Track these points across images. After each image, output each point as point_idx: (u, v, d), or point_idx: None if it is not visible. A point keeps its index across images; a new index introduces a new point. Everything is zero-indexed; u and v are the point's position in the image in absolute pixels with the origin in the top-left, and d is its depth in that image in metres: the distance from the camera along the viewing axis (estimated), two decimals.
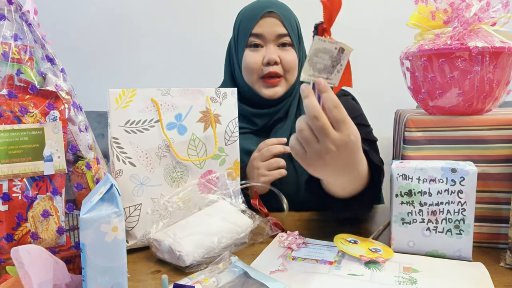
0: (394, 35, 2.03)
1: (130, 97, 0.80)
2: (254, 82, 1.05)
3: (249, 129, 1.11)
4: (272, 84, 1.04)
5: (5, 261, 0.60)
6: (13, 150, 0.61)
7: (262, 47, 1.03)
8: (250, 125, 1.11)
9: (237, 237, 0.80)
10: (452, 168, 0.73)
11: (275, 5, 1.03)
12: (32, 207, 0.62)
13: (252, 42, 1.03)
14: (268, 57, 1.01)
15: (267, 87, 1.04)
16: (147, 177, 0.82)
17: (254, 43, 1.03)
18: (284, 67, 1.03)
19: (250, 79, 1.05)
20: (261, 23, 1.01)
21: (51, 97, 0.65)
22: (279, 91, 1.05)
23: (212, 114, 0.89)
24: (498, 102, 0.81)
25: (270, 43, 1.02)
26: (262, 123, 1.09)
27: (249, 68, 1.03)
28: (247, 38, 1.03)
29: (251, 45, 1.04)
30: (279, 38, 1.03)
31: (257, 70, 1.03)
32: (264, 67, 1.03)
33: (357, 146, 0.63)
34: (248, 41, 1.03)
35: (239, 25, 1.07)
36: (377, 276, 0.68)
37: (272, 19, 1.01)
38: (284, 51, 1.03)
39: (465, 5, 0.77)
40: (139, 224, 0.82)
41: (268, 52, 1.01)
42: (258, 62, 1.02)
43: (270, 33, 1.01)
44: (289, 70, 1.04)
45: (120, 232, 0.54)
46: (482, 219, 0.79)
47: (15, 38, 0.63)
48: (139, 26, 2.36)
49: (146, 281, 0.70)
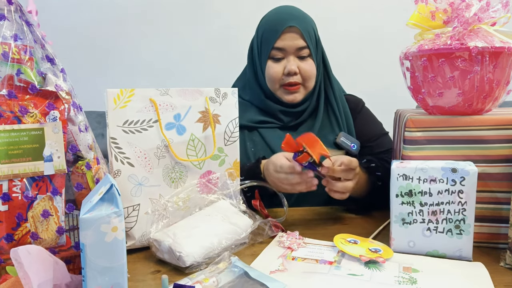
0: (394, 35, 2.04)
1: (129, 97, 0.80)
2: (276, 90, 1.18)
3: (276, 124, 1.20)
4: (291, 91, 1.16)
5: (5, 261, 0.60)
6: (13, 150, 0.61)
7: (283, 58, 1.15)
8: (277, 120, 1.20)
9: (237, 237, 0.80)
10: (452, 168, 0.73)
11: (295, 18, 1.13)
12: (32, 207, 0.62)
13: (274, 55, 1.14)
14: (289, 68, 1.12)
15: (287, 93, 1.16)
16: (145, 177, 0.82)
17: (276, 56, 1.14)
18: (303, 76, 1.15)
19: (272, 87, 1.18)
20: (282, 37, 1.12)
21: (51, 97, 0.65)
22: (298, 97, 1.17)
23: (211, 114, 0.89)
24: (498, 102, 0.81)
25: (290, 55, 1.13)
26: (288, 120, 1.20)
27: (271, 78, 1.16)
28: (269, 50, 1.14)
29: (273, 57, 1.15)
30: (298, 50, 1.13)
31: (278, 80, 1.15)
32: (284, 77, 1.15)
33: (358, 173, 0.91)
34: (270, 54, 1.14)
35: (262, 36, 1.17)
36: (377, 276, 0.68)
37: (292, 33, 1.12)
38: (303, 61, 1.14)
39: (465, 5, 0.77)
40: (137, 224, 0.82)
41: (289, 64, 1.13)
42: (279, 73, 1.14)
43: (290, 47, 1.12)
44: (307, 79, 1.15)
45: (120, 232, 0.54)
46: (482, 219, 0.79)
47: (15, 38, 0.63)
48: (139, 26, 2.36)
49: (146, 281, 0.70)
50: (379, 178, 1.00)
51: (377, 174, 1.01)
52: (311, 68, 1.14)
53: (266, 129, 1.19)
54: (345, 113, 1.21)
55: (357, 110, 1.24)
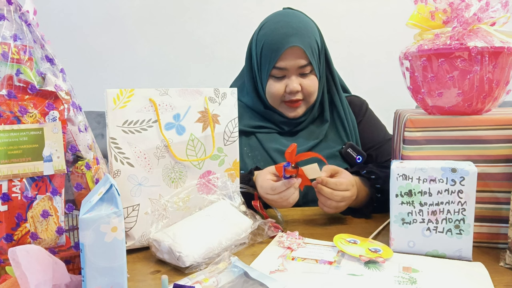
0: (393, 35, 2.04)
1: (128, 97, 0.80)
2: (277, 105, 1.16)
3: (274, 129, 1.19)
4: (293, 107, 1.14)
5: (4, 261, 0.60)
6: (12, 151, 0.61)
7: (284, 76, 1.12)
8: (276, 126, 1.19)
9: (237, 238, 0.80)
10: (452, 168, 0.73)
11: (296, 35, 1.08)
12: (32, 207, 0.62)
13: (275, 74, 1.11)
14: (291, 87, 1.10)
15: (289, 110, 1.15)
16: (145, 177, 0.82)
17: (277, 75, 1.12)
18: (304, 93, 1.13)
19: (274, 103, 1.16)
20: (283, 57, 1.09)
21: (50, 97, 0.65)
22: (300, 112, 1.16)
23: (211, 114, 0.89)
24: (497, 102, 0.81)
25: (293, 73, 1.11)
26: (288, 129, 1.19)
27: (273, 96, 1.14)
28: (270, 69, 1.11)
29: (274, 76, 1.12)
30: (300, 68, 1.10)
31: (280, 97, 1.13)
32: (286, 95, 1.12)
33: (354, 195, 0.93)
34: (271, 72, 1.12)
35: (261, 51, 1.13)
36: (376, 276, 0.68)
37: (294, 53, 1.08)
38: (305, 78, 1.12)
39: (465, 5, 0.77)
40: (137, 225, 0.82)
41: (290, 83, 1.10)
42: (281, 91, 1.12)
43: (292, 66, 1.09)
44: (309, 95, 1.13)
45: (120, 232, 0.54)
46: (482, 219, 0.79)
47: (15, 38, 0.62)
48: (139, 26, 2.36)
49: (146, 281, 0.70)
50: (379, 190, 0.99)
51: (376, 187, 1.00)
52: (313, 84, 1.12)
53: (264, 134, 1.18)
54: (352, 120, 1.19)
55: (361, 114, 1.22)
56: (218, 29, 2.33)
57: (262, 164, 1.11)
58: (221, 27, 2.32)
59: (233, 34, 2.27)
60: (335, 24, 2.25)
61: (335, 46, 2.11)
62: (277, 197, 0.89)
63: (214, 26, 2.33)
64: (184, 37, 2.35)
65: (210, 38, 2.34)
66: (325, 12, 2.20)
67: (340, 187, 0.89)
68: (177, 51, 2.36)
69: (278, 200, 0.90)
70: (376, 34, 2.28)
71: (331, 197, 0.89)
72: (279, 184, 0.88)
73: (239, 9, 2.30)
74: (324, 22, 1.32)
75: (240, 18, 2.27)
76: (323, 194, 0.90)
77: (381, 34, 2.26)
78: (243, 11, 2.28)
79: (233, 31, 2.27)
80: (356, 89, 1.32)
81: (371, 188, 1.00)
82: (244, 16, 2.24)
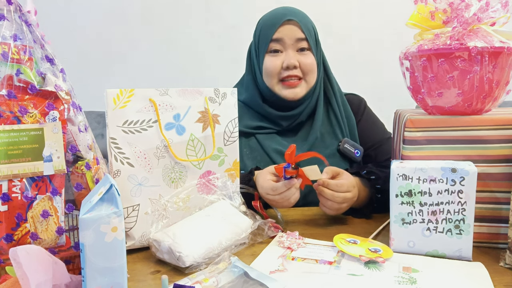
0: (393, 35, 2.04)
1: (128, 97, 0.80)
2: (274, 85, 1.12)
3: (273, 129, 1.17)
4: (292, 86, 1.10)
5: (4, 261, 0.60)
6: (12, 151, 0.61)
7: (281, 52, 1.10)
8: (274, 125, 1.17)
9: (237, 238, 0.80)
10: (452, 168, 0.73)
11: (293, 13, 1.11)
12: (32, 208, 0.62)
13: (272, 48, 1.10)
14: (287, 62, 1.08)
15: (287, 89, 1.11)
16: (145, 177, 0.82)
17: (274, 48, 1.09)
18: (303, 70, 1.10)
19: (270, 83, 1.12)
20: (280, 29, 1.08)
21: (50, 97, 0.65)
22: (299, 93, 1.11)
23: (211, 114, 0.89)
24: (497, 102, 0.81)
25: (289, 48, 1.09)
26: (286, 124, 1.16)
27: (269, 72, 1.10)
28: (267, 44, 1.10)
29: (271, 50, 1.10)
30: (297, 42, 1.09)
31: (276, 74, 1.10)
32: (283, 71, 1.09)
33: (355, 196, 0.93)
34: (268, 47, 1.10)
35: (259, 33, 1.14)
36: (376, 276, 0.68)
37: (291, 26, 1.08)
38: (302, 55, 1.10)
39: (465, 5, 0.77)
40: (137, 225, 0.82)
41: (287, 57, 1.08)
42: (277, 66, 1.09)
43: (289, 37, 1.08)
44: (308, 72, 1.10)
45: (120, 232, 0.54)
46: (482, 219, 0.79)
47: (15, 38, 0.62)
48: (139, 26, 2.35)
49: (146, 281, 0.70)
50: (379, 190, 0.99)
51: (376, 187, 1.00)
52: (311, 62, 1.10)
53: (263, 135, 1.17)
54: (348, 117, 1.18)
55: (360, 112, 1.21)
56: (219, 29, 2.33)
57: (262, 165, 1.11)
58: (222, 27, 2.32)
59: (234, 34, 2.27)
60: (335, 24, 2.25)
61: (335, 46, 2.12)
62: (278, 198, 0.89)
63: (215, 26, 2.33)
64: (185, 37, 2.35)
65: (211, 38, 2.34)
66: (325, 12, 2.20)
67: (341, 189, 0.89)
68: (178, 51, 2.36)
69: (279, 201, 0.90)
70: (376, 34, 2.28)
71: (333, 198, 0.89)
72: (280, 185, 0.88)
73: (240, 9, 2.30)
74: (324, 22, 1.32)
75: (242, 18, 2.27)
76: (324, 196, 0.90)
77: (381, 34, 2.26)
78: (244, 11, 2.28)
79: (234, 31, 2.27)
80: (356, 89, 1.32)
81: (371, 189, 1.00)
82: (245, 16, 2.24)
